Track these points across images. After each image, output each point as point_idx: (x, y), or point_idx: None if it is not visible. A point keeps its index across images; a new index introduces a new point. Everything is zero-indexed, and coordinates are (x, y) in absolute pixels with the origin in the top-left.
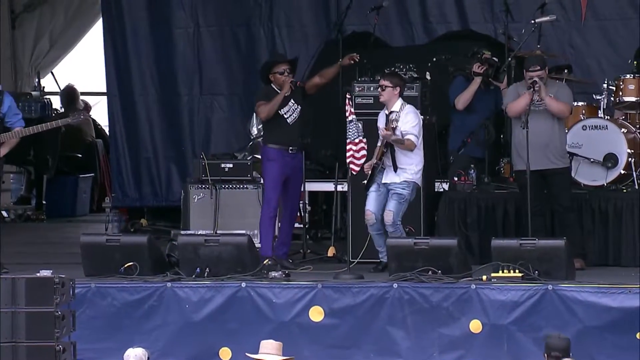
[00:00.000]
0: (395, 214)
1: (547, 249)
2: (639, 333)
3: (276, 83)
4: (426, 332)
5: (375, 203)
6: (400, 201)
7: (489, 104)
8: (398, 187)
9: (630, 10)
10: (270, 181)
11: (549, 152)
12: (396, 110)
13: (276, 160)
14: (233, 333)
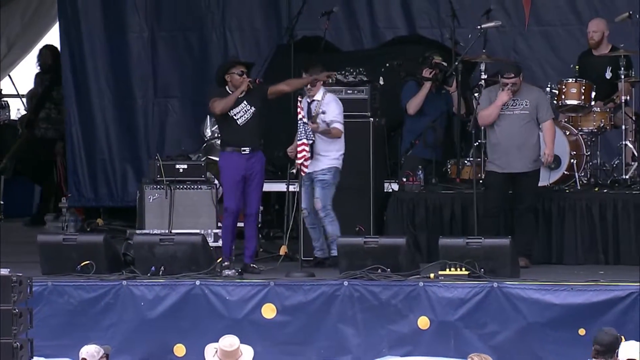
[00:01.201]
0: (323, 200)
1: (493, 247)
2: (581, 329)
3: (232, 83)
4: (376, 329)
5: (306, 197)
6: (325, 187)
7: (440, 107)
8: (320, 174)
9: (571, 17)
10: (225, 187)
11: (522, 156)
12: (318, 100)
13: (228, 165)
14: (187, 330)
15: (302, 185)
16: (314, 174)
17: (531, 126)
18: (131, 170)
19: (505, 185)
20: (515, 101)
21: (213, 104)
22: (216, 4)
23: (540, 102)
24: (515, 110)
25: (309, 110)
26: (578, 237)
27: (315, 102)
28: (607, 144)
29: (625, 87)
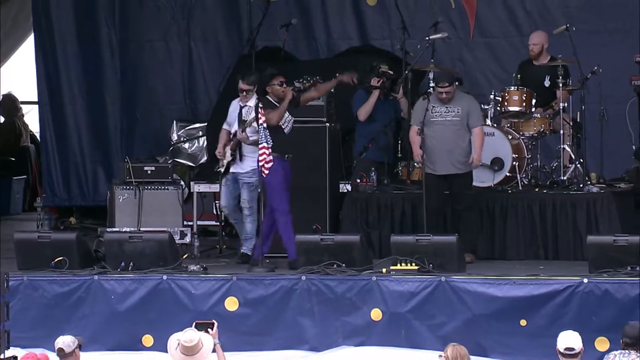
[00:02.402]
0: (250, 201)
1: (441, 244)
2: (523, 320)
3: (274, 94)
4: (331, 320)
5: (225, 196)
6: (251, 189)
7: (389, 113)
8: (246, 177)
9: (512, 29)
10: (279, 189)
11: (453, 159)
12: (250, 105)
13: (278, 169)
14: (155, 322)
15: (224, 185)
16: (239, 175)
17: (462, 131)
18: (102, 171)
19: (440, 186)
20: (448, 108)
21: (268, 115)
22: (181, 15)
23: (471, 109)
24: (448, 117)
25: (240, 115)
26: (520, 235)
27: (247, 107)
28: (547, 147)
29: (563, 94)
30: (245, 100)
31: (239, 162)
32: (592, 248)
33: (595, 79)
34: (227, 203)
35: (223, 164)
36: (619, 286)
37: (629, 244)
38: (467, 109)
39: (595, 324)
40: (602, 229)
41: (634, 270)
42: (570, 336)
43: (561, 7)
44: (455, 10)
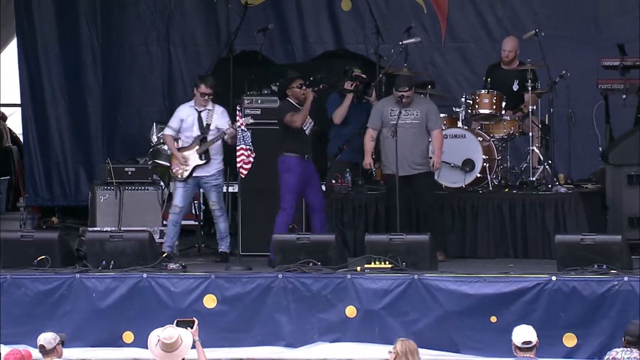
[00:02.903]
0: (219, 202)
1: (414, 243)
2: (493, 317)
3: (295, 97)
4: (307, 317)
5: (183, 198)
6: (218, 191)
7: (362, 115)
8: (213, 180)
9: (483, 34)
10: (289, 190)
11: (411, 161)
12: (210, 109)
13: (294, 169)
14: (135, 319)
15: (183, 188)
16: (204, 178)
17: (421, 133)
18: (83, 172)
19: (403, 186)
20: (407, 111)
21: (292, 118)
22: (161, 20)
23: (430, 112)
24: (407, 120)
25: (200, 119)
26: (490, 234)
27: (207, 111)
28: (516, 149)
29: (532, 98)
30: (205, 104)
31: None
32: (560, 247)
33: (563, 83)
34: (183, 205)
35: (186, 169)
36: (586, 284)
37: (596, 243)
38: (425, 112)
39: (563, 320)
40: (570, 229)
41: (600, 269)
42: (526, 330)
43: (530, 14)
44: (427, 16)
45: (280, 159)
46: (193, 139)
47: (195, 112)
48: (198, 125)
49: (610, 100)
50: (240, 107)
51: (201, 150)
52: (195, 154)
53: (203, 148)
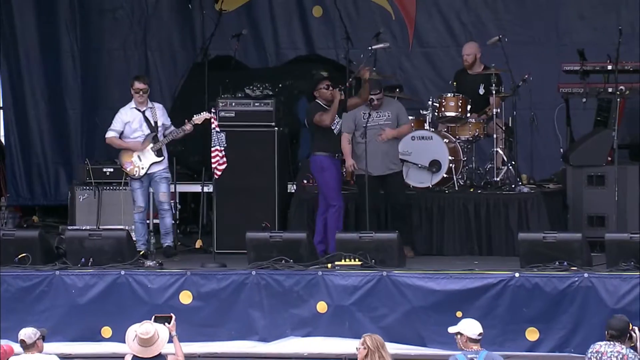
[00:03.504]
0: (169, 195)
1: (382, 240)
2: (459, 312)
3: (322, 97)
4: (280, 313)
5: (143, 197)
6: (169, 183)
7: None
8: (164, 172)
9: (449, 40)
10: (331, 186)
11: (387, 160)
12: (151, 107)
13: (329, 167)
14: (113, 314)
15: (140, 188)
16: (156, 173)
17: None
18: (63, 173)
19: (375, 185)
20: (379, 113)
21: (322, 117)
22: (138, 26)
23: (400, 112)
24: (380, 121)
25: (146, 118)
26: (456, 232)
27: (149, 109)
28: (481, 150)
29: (496, 101)
30: (143, 101)
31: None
32: (523, 244)
33: (526, 87)
34: (145, 204)
35: (142, 166)
36: (547, 280)
37: (557, 240)
38: (396, 112)
39: (526, 315)
40: (533, 227)
41: (561, 266)
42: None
43: (494, 20)
44: (395, 22)
45: (312, 159)
46: (144, 137)
47: (139, 112)
48: (146, 124)
49: (571, 103)
50: (215, 110)
51: (156, 147)
52: (150, 151)
53: (158, 146)
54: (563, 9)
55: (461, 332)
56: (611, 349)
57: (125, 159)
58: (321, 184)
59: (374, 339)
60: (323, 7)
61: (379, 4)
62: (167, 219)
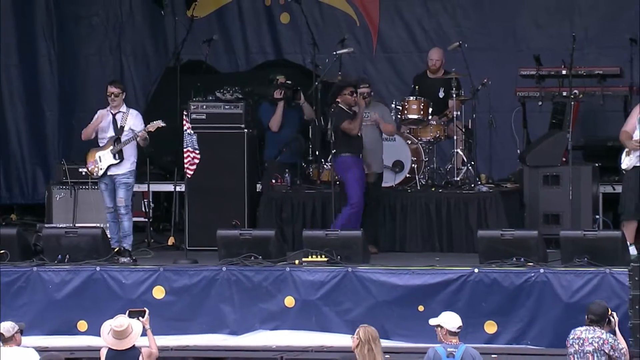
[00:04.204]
0: (126, 200)
1: (348, 238)
2: (420, 306)
3: (344, 102)
4: (249, 307)
5: (110, 198)
6: (128, 189)
7: (294, 119)
8: (124, 178)
9: (411, 46)
10: (354, 186)
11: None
12: (123, 111)
13: (354, 166)
14: (89, 309)
15: (106, 188)
16: (117, 177)
17: (379, 133)
18: (41, 172)
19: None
20: (366, 113)
21: (350, 126)
22: (113, 32)
23: (385, 114)
24: (368, 122)
25: (115, 122)
26: (418, 229)
27: (121, 113)
28: (442, 151)
29: (456, 104)
30: (115, 104)
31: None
32: (482, 241)
33: (484, 91)
34: (112, 204)
35: (101, 167)
36: (505, 275)
37: (515, 237)
38: (381, 114)
39: (485, 309)
40: (491, 224)
41: (518, 261)
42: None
43: (454, 27)
44: (359, 28)
45: (339, 160)
46: (108, 139)
47: (110, 114)
48: (113, 127)
49: (528, 106)
50: (187, 113)
51: (115, 150)
52: (109, 153)
53: (117, 148)
54: (520, 16)
55: (441, 324)
56: (592, 335)
57: (89, 159)
58: (346, 182)
59: (366, 331)
60: (290, 14)
61: (343, 11)
62: (125, 222)
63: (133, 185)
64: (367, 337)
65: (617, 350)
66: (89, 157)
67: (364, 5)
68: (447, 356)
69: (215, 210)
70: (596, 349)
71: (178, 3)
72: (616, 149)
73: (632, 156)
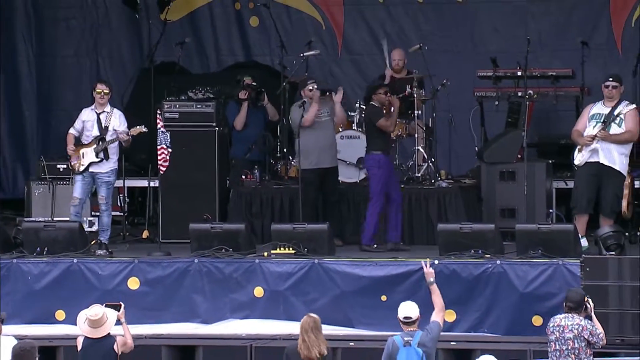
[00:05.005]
0: (107, 198)
1: (314, 231)
2: (383, 296)
3: (378, 101)
4: (220, 297)
5: (82, 190)
6: (109, 187)
7: (259, 118)
8: (105, 176)
9: (374, 48)
10: (379, 184)
11: (333, 153)
12: (108, 111)
13: (383, 165)
14: (67, 299)
15: (81, 181)
16: (98, 174)
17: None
18: (20, 169)
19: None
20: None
21: (386, 122)
22: (89, 34)
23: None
24: (323, 118)
25: (99, 121)
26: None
27: (105, 113)
28: (404, 148)
29: (417, 103)
30: (102, 103)
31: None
32: (441, 234)
33: (444, 91)
34: (82, 196)
35: (82, 164)
36: (464, 266)
37: (473, 230)
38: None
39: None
40: (451, 218)
41: (476, 253)
42: (407, 306)
43: (415, 30)
44: (325, 32)
45: (370, 157)
46: (92, 138)
47: (95, 114)
48: (97, 126)
49: (485, 106)
50: (160, 112)
51: (98, 148)
52: (92, 151)
53: (101, 147)
54: (478, 21)
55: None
56: (571, 322)
57: (74, 154)
58: (371, 179)
59: (304, 320)
60: (259, 18)
61: (310, 15)
62: (105, 218)
63: (114, 183)
64: (304, 327)
65: (595, 335)
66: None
67: (329, 9)
68: (403, 345)
69: (188, 204)
70: (576, 335)
71: (152, 7)
72: (569, 147)
73: (583, 152)
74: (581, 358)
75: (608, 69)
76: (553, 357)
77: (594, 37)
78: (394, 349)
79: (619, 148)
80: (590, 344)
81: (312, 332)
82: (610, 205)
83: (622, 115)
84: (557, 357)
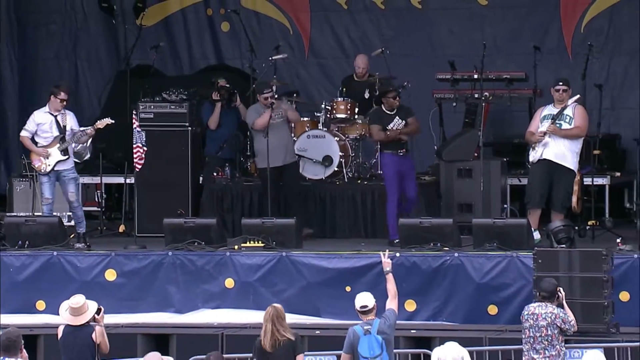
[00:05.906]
0: (76, 193)
1: (282, 225)
2: (348, 287)
3: (388, 105)
4: (193, 288)
5: (50, 190)
6: (76, 182)
7: (232, 118)
8: (71, 173)
9: (339, 52)
10: (388, 181)
11: (287, 152)
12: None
13: (391, 164)
14: (47, 290)
15: (48, 182)
16: (64, 172)
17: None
18: (3, 166)
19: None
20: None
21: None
22: (68, 38)
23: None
24: (277, 120)
25: (57, 122)
26: (345, 218)
27: (61, 114)
28: (367, 147)
29: None
30: (61, 108)
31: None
32: (402, 228)
33: (405, 92)
34: (52, 196)
35: (49, 164)
36: (423, 259)
37: (432, 225)
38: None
39: (405, 289)
40: (411, 213)
41: (435, 246)
42: (363, 296)
43: (377, 35)
44: (293, 36)
45: (380, 157)
46: (53, 138)
47: (51, 116)
48: (56, 126)
49: (443, 107)
50: (136, 112)
51: (62, 147)
52: (57, 150)
53: (64, 146)
54: (436, 26)
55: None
56: (544, 310)
57: (33, 157)
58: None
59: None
60: (230, 23)
61: (278, 21)
62: (78, 212)
63: (79, 178)
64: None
65: (567, 322)
66: (32, 155)
67: (297, 15)
68: (364, 334)
69: (162, 200)
70: (549, 323)
71: (128, 13)
72: (522, 146)
73: (537, 149)
74: (554, 344)
75: (559, 73)
76: (527, 343)
77: (545, 42)
78: (355, 338)
79: (570, 146)
80: (562, 331)
81: (274, 321)
82: (561, 201)
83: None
84: (531, 344)
